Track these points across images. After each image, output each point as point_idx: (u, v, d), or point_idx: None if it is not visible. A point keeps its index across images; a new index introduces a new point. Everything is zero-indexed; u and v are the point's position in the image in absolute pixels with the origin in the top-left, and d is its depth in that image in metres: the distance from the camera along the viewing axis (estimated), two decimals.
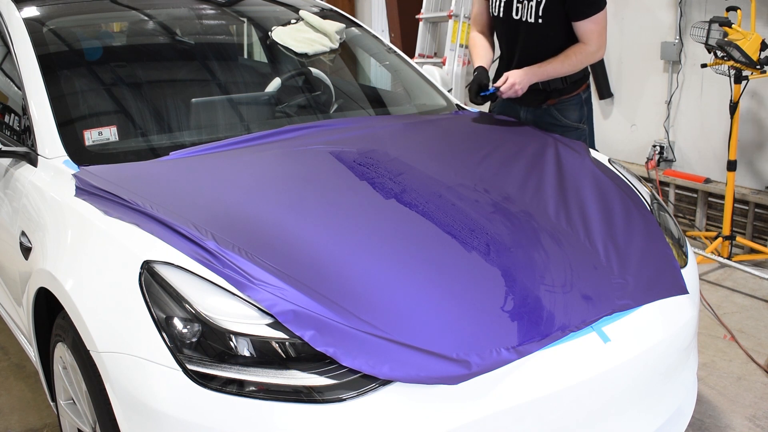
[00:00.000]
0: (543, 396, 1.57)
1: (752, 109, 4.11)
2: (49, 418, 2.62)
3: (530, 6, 2.68)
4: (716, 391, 2.76)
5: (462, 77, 5.87)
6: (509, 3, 2.74)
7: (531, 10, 2.68)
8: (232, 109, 2.72)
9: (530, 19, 2.69)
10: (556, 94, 2.82)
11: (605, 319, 1.74)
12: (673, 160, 4.64)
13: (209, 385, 1.47)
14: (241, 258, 1.62)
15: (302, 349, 1.50)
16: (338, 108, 2.95)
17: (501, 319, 1.64)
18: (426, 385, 1.48)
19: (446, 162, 2.28)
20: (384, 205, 1.98)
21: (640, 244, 2.03)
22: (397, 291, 1.65)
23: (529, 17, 2.69)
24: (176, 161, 2.17)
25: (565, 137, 2.66)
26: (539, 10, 2.66)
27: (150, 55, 2.85)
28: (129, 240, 1.72)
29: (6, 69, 2.55)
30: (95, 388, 1.66)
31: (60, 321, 1.87)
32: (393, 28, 6.78)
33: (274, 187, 2.05)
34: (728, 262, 3.81)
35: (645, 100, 4.75)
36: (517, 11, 2.72)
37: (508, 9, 2.75)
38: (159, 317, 1.54)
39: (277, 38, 2.98)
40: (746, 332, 3.22)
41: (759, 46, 3.52)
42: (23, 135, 2.33)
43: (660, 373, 1.84)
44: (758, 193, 4.13)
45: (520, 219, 2.03)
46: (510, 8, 2.75)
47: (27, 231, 2.07)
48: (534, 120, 2.88)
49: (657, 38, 4.49)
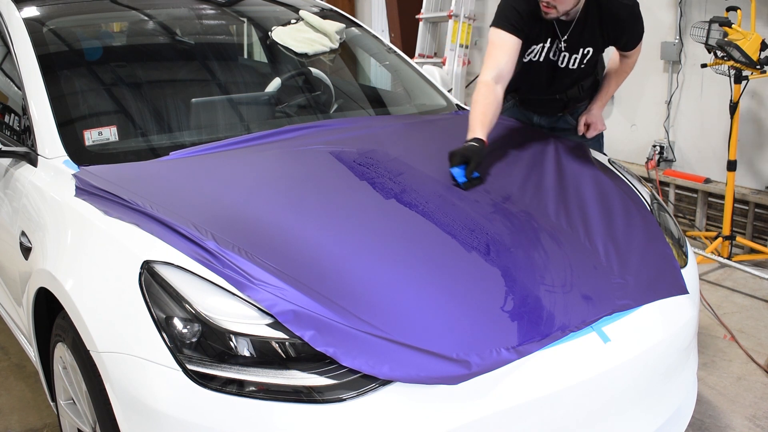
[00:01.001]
0: (543, 396, 1.57)
1: (752, 109, 4.11)
2: (49, 418, 2.62)
3: (574, 57, 2.59)
4: (716, 391, 2.76)
5: (462, 77, 5.87)
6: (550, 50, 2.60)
7: (575, 61, 2.60)
8: (232, 109, 2.72)
9: (573, 66, 2.62)
10: (572, 102, 2.82)
11: (605, 319, 1.74)
12: (673, 160, 4.64)
13: (209, 385, 1.47)
14: (241, 258, 1.62)
15: (302, 349, 1.50)
16: (338, 108, 2.95)
17: (501, 319, 1.64)
18: (426, 385, 1.48)
19: (446, 162, 2.27)
20: (384, 205, 1.98)
21: (640, 244, 2.03)
22: (397, 291, 1.65)
23: (572, 65, 2.61)
24: (176, 161, 2.17)
25: (578, 141, 2.68)
26: (585, 59, 2.60)
27: (150, 55, 2.85)
28: (129, 240, 1.72)
29: (6, 69, 2.55)
30: (95, 388, 1.66)
31: (60, 321, 1.87)
32: (393, 28, 6.78)
33: (274, 187, 2.05)
34: (728, 262, 3.81)
35: (645, 100, 4.75)
36: (555, 55, 2.61)
37: (548, 54, 2.63)
38: (159, 317, 1.54)
39: (277, 38, 2.98)
40: (746, 332, 3.22)
41: (759, 46, 3.52)
42: (23, 135, 2.33)
43: (660, 373, 1.84)
44: (758, 193, 4.13)
45: (520, 219, 2.03)
46: (549, 53, 2.62)
47: (27, 231, 2.07)
48: (548, 126, 2.87)
49: (657, 38, 4.49)
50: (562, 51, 2.58)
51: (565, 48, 2.57)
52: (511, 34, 2.48)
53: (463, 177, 2.18)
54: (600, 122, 2.78)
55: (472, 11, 5.87)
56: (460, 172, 2.19)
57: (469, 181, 2.18)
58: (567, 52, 2.58)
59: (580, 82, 2.75)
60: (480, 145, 2.26)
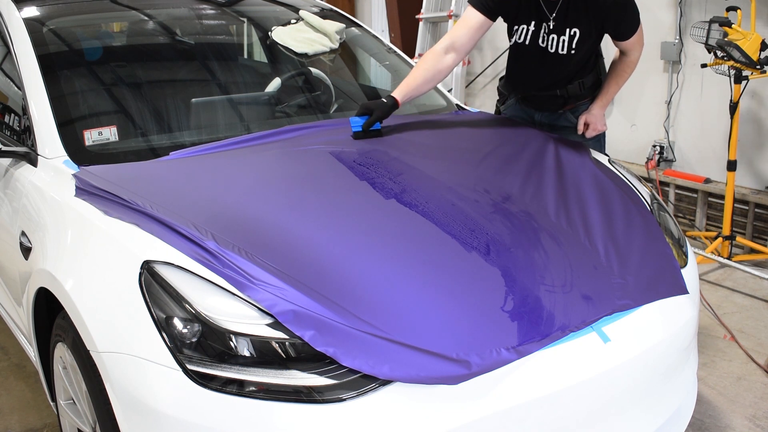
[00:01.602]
0: (543, 396, 1.57)
1: (752, 109, 4.11)
2: (49, 418, 2.62)
3: (562, 40, 2.58)
4: (716, 391, 2.76)
5: (462, 77, 5.87)
6: (536, 33, 2.61)
7: (563, 44, 2.58)
8: (232, 109, 2.72)
9: (562, 51, 2.60)
10: (573, 99, 2.82)
11: (605, 319, 1.74)
12: (673, 160, 4.64)
13: (209, 385, 1.47)
14: (241, 258, 1.62)
15: (302, 349, 1.50)
16: (338, 108, 2.95)
17: (501, 319, 1.64)
18: (426, 385, 1.48)
19: (446, 162, 2.28)
20: (384, 205, 1.98)
21: (640, 244, 2.03)
22: (397, 291, 1.64)
23: (561, 49, 2.60)
24: (176, 161, 2.17)
25: (579, 140, 2.68)
26: (573, 42, 2.58)
27: (150, 55, 2.85)
28: (129, 240, 1.72)
29: (6, 69, 2.55)
30: (95, 388, 1.66)
31: (60, 321, 1.87)
32: (393, 28, 6.78)
33: (274, 187, 2.05)
34: (728, 262, 3.81)
35: (645, 100, 4.75)
36: (544, 40, 2.61)
37: (535, 38, 2.63)
38: (159, 317, 1.54)
39: (277, 38, 2.99)
40: (746, 332, 3.22)
41: (759, 46, 3.52)
42: (23, 135, 2.33)
43: (660, 373, 1.84)
44: (758, 193, 4.13)
45: (520, 219, 2.03)
46: (537, 38, 2.62)
47: (27, 231, 2.07)
48: (549, 124, 2.87)
49: (657, 38, 4.49)
50: (550, 33, 2.59)
51: (553, 28, 2.57)
52: (479, 12, 2.58)
53: (359, 127, 2.34)
54: (600, 122, 2.77)
55: None
56: (359, 121, 2.35)
57: (364, 131, 2.32)
58: (555, 33, 2.58)
59: (581, 78, 2.74)
60: (390, 102, 2.45)
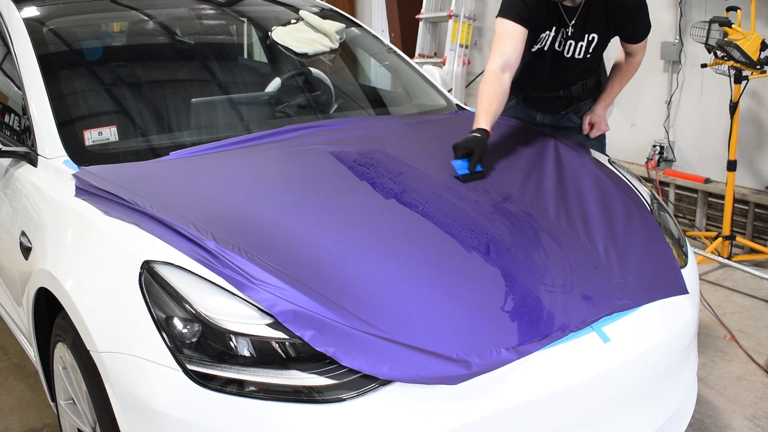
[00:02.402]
0: (543, 396, 1.57)
1: (752, 109, 4.11)
2: (49, 418, 2.62)
3: (580, 45, 2.58)
4: (716, 391, 2.76)
5: (462, 77, 5.88)
6: (554, 38, 2.59)
7: (581, 48, 2.59)
8: (232, 109, 2.72)
9: (578, 55, 2.61)
10: (576, 100, 2.82)
11: (605, 319, 1.74)
12: (673, 160, 4.64)
13: (209, 385, 1.47)
14: (241, 258, 1.62)
15: (302, 349, 1.50)
16: (338, 108, 2.95)
17: (501, 319, 1.64)
18: (426, 385, 1.48)
19: (446, 162, 2.27)
20: (384, 205, 1.98)
21: (640, 244, 2.03)
22: (397, 291, 1.64)
23: (578, 54, 2.61)
24: (176, 161, 2.17)
25: (579, 141, 2.68)
26: (590, 47, 2.59)
27: (150, 55, 2.85)
28: (129, 240, 1.72)
29: (6, 69, 2.55)
30: (95, 388, 1.66)
31: (60, 321, 1.87)
32: (393, 28, 6.78)
33: (274, 187, 2.05)
34: (728, 262, 3.81)
35: (645, 100, 4.75)
36: (561, 45, 2.60)
37: (552, 43, 2.61)
38: (159, 317, 1.54)
39: (277, 38, 2.98)
40: (746, 332, 3.22)
41: (759, 46, 3.52)
42: (23, 135, 2.33)
43: (660, 373, 1.84)
44: (758, 193, 4.13)
45: (520, 219, 2.03)
46: (554, 43, 2.61)
47: (27, 231, 2.07)
48: (552, 124, 2.87)
49: (657, 38, 4.49)
50: (568, 38, 2.57)
51: (572, 34, 2.56)
52: (517, 24, 2.46)
53: (465, 169, 2.13)
54: (604, 122, 2.79)
55: (472, 11, 5.87)
56: (463, 164, 2.14)
57: (471, 173, 2.13)
58: (573, 39, 2.57)
59: (584, 80, 2.75)
60: (483, 136, 2.25)
